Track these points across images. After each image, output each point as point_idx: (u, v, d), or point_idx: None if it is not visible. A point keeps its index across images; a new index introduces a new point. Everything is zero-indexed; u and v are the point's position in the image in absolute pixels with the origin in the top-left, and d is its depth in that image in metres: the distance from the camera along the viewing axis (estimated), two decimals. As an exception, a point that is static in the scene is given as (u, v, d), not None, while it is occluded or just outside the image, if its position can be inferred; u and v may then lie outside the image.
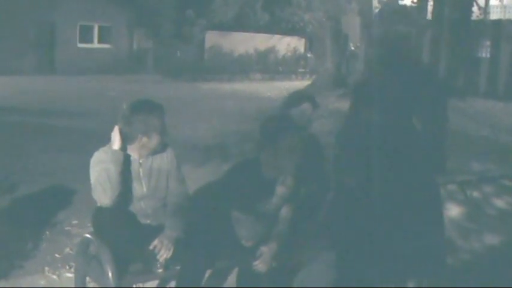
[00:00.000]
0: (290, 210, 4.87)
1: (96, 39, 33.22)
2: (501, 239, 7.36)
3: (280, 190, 4.79)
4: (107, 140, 4.67)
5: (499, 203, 8.90)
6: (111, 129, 4.65)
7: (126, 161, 4.64)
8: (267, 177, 4.76)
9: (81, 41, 32.47)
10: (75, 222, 7.27)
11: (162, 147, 4.79)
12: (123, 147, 4.62)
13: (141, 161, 4.74)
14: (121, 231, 4.49)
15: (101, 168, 4.52)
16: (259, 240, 4.74)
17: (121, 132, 4.61)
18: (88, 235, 4.84)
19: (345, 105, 20.09)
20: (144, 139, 4.65)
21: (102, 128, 4.68)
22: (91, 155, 4.65)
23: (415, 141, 4.47)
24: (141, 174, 4.74)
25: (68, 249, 6.41)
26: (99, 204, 4.59)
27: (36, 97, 20.23)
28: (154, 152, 4.76)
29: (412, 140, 4.47)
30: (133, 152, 4.72)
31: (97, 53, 32.64)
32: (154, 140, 4.67)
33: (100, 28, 33.13)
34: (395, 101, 4.46)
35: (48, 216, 7.47)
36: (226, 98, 22.76)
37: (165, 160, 4.83)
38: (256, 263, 4.66)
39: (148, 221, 4.78)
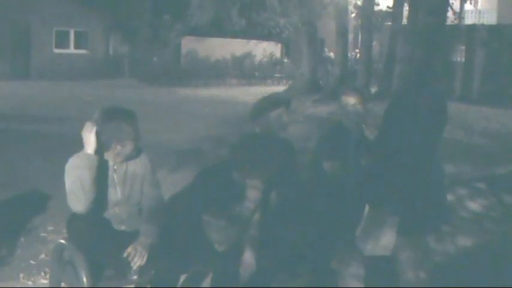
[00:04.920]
0: (263, 215, 4.88)
1: (72, 45, 33.05)
2: (475, 241, 7.44)
3: (253, 194, 4.79)
4: (82, 144, 4.64)
5: (473, 205, 8.98)
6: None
7: (101, 165, 4.57)
8: (240, 181, 4.77)
9: (57, 46, 32.28)
10: (50, 228, 7.24)
11: (136, 153, 4.76)
12: (98, 151, 4.55)
13: (115, 167, 4.71)
14: (95, 237, 4.48)
15: (75, 175, 4.45)
16: (232, 244, 4.75)
17: (97, 135, 4.52)
18: (62, 241, 4.83)
19: (320, 110, 20.27)
20: (118, 147, 4.60)
21: (78, 134, 4.63)
22: (67, 161, 4.57)
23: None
24: (115, 180, 4.71)
25: (43, 256, 6.39)
26: (73, 212, 4.57)
27: (11, 102, 20.12)
28: (129, 158, 4.73)
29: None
30: (107, 158, 4.69)
31: (73, 58, 32.49)
32: (128, 147, 4.62)
33: (76, 33, 32.97)
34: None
35: (24, 222, 7.44)
36: (202, 103, 22.75)
37: (139, 165, 4.80)
38: (231, 267, 4.68)
39: (123, 227, 4.77)
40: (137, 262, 4.51)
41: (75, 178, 4.45)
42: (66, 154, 4.69)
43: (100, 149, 4.59)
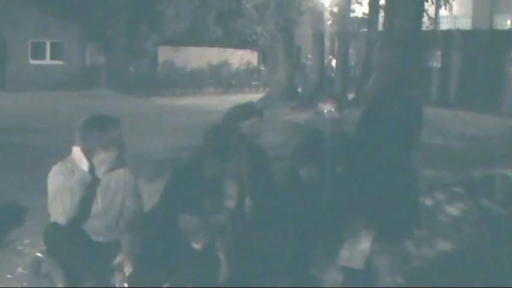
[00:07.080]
0: (242, 223, 4.89)
1: (48, 56, 32.92)
2: (453, 245, 7.46)
3: (231, 202, 4.80)
4: (59, 156, 4.60)
5: (451, 210, 9.01)
6: (65, 146, 4.57)
7: (92, 183, 4.56)
8: (212, 185, 4.78)
9: (33, 58, 32.15)
10: (27, 241, 7.16)
11: (119, 163, 4.75)
12: (91, 168, 4.54)
13: (98, 176, 4.68)
14: (72, 250, 4.45)
15: (65, 185, 4.44)
16: (211, 252, 4.75)
17: (84, 152, 4.51)
18: (39, 254, 4.79)
19: (297, 116, 20.30)
20: (102, 154, 4.58)
21: (55, 145, 4.61)
22: (44, 173, 4.54)
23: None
24: (97, 190, 4.69)
25: (20, 269, 6.32)
26: (53, 220, 4.54)
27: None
28: (112, 167, 4.71)
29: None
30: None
31: (49, 69, 32.35)
32: (112, 155, 4.62)
33: (52, 44, 32.85)
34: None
35: (0, 235, 7.38)
36: (179, 113, 22.72)
37: (121, 177, 4.79)
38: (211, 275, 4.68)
39: (100, 238, 4.75)
40: (129, 269, 4.51)
41: (66, 188, 4.44)
42: (42, 166, 4.66)
43: (93, 167, 4.57)
